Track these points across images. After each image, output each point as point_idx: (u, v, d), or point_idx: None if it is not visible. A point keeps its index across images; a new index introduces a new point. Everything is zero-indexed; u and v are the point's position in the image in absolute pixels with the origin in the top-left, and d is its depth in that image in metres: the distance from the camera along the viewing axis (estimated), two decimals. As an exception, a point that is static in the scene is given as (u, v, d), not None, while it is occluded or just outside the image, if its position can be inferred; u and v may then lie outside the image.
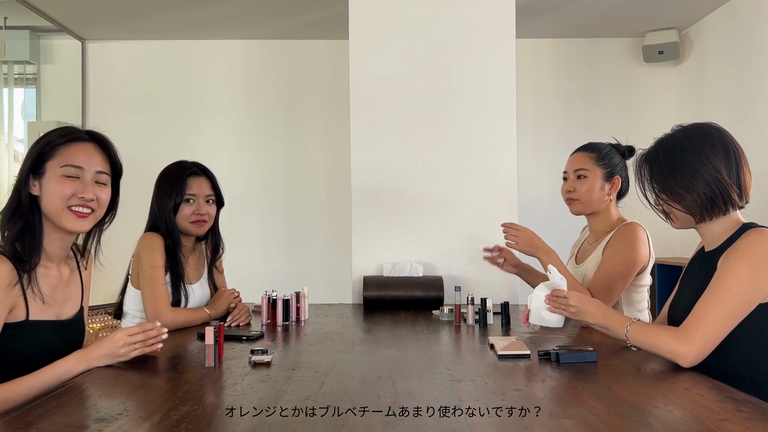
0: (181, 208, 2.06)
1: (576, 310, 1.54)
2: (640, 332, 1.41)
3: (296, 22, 4.37)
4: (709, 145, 1.41)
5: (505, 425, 0.99)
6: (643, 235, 2.01)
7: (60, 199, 1.42)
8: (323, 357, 1.50)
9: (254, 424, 1.00)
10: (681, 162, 1.42)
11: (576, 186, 2.11)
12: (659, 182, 1.46)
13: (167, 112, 4.70)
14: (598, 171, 2.09)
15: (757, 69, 3.80)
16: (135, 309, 2.05)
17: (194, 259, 2.16)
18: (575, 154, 2.17)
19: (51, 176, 1.42)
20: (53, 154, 1.43)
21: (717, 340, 1.33)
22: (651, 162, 1.48)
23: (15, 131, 4.41)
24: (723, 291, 1.33)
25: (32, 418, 1.03)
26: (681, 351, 1.32)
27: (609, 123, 4.67)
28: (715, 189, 1.39)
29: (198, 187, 2.09)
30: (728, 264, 1.35)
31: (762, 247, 1.33)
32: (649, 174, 1.48)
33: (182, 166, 2.11)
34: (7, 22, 4.33)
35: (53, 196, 1.42)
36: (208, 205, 2.11)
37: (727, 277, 1.34)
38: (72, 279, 1.54)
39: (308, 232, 4.74)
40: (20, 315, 1.37)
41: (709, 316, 1.32)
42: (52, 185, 1.42)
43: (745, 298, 1.32)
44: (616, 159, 2.12)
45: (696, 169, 1.40)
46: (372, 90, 2.70)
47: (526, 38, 4.66)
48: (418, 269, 2.57)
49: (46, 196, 1.42)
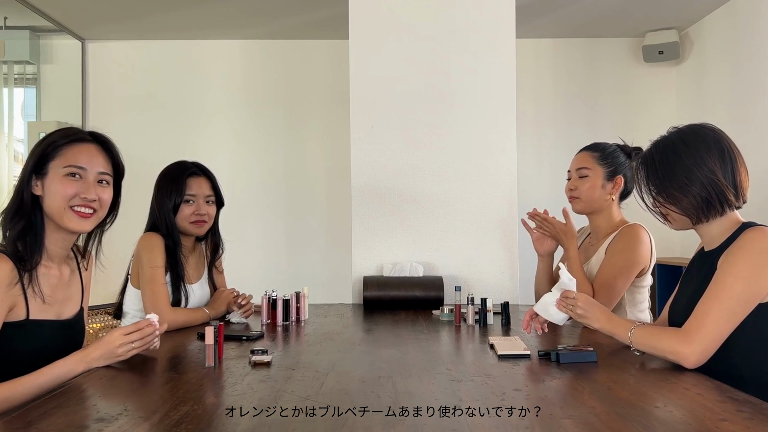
0: (181, 208, 2.06)
1: (582, 312, 1.54)
2: (643, 336, 1.42)
3: (296, 22, 4.37)
4: (704, 146, 1.42)
5: (505, 425, 0.99)
6: (646, 236, 2.02)
7: (62, 199, 1.42)
8: (323, 357, 1.50)
9: (254, 424, 1.00)
10: (676, 164, 1.42)
11: (578, 184, 2.12)
12: (655, 184, 1.46)
13: (167, 112, 4.70)
14: (600, 170, 2.10)
15: (757, 69, 3.80)
16: (134, 309, 2.05)
17: (194, 259, 2.16)
18: (579, 153, 2.18)
19: (53, 176, 1.43)
20: (56, 155, 1.44)
21: (719, 340, 1.33)
22: (647, 164, 1.48)
23: (15, 131, 4.41)
24: (723, 291, 1.33)
25: (32, 418, 1.03)
26: (684, 352, 1.32)
27: (609, 123, 4.67)
28: (710, 190, 1.39)
29: (198, 188, 2.09)
30: (728, 263, 1.36)
31: (760, 246, 1.33)
32: (645, 176, 1.48)
33: (182, 167, 2.11)
34: (7, 22, 4.33)
35: (55, 195, 1.42)
36: (208, 205, 2.11)
37: (726, 277, 1.34)
38: (72, 279, 1.54)
39: (308, 232, 4.73)
40: (20, 314, 1.37)
41: (710, 316, 1.32)
42: (55, 185, 1.42)
43: (745, 297, 1.32)
44: (621, 159, 2.12)
45: (691, 170, 1.40)
46: (372, 90, 2.70)
47: (526, 38, 4.65)
48: (418, 269, 2.57)
49: (48, 196, 1.43)
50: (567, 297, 1.58)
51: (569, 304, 1.57)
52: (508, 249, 2.67)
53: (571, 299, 1.57)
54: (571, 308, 1.57)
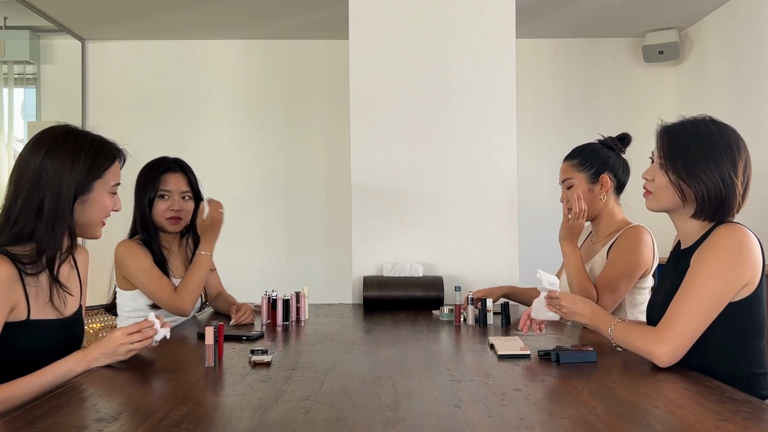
0: (156, 203, 2.06)
1: (567, 309, 1.55)
2: (622, 332, 1.42)
3: (296, 22, 4.37)
4: (738, 149, 1.41)
5: (505, 425, 0.99)
6: (648, 238, 2.01)
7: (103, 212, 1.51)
8: (323, 357, 1.50)
9: (254, 424, 1.00)
10: (709, 150, 1.40)
11: (568, 196, 2.11)
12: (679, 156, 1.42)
13: (167, 112, 4.70)
14: (581, 176, 2.09)
15: (757, 69, 3.79)
16: (126, 311, 2.07)
17: (179, 253, 2.18)
18: (562, 165, 2.18)
19: (100, 192, 1.49)
20: (100, 174, 1.48)
21: (691, 339, 1.33)
22: (674, 136, 1.45)
23: (15, 131, 4.41)
24: (694, 289, 1.33)
25: (32, 418, 1.03)
26: (656, 351, 1.32)
27: (609, 123, 4.66)
28: (728, 190, 1.38)
29: (174, 183, 2.09)
30: (699, 261, 1.36)
31: (730, 243, 1.33)
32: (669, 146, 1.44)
33: (159, 162, 2.11)
34: (7, 22, 4.32)
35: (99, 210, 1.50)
36: (184, 201, 2.11)
37: (698, 275, 1.34)
38: (71, 277, 1.55)
39: (308, 232, 4.73)
40: (21, 314, 1.37)
41: (681, 315, 1.32)
42: (101, 198, 1.49)
43: (717, 296, 1.32)
44: (602, 155, 2.10)
45: (719, 163, 1.39)
46: (372, 90, 2.70)
47: (526, 38, 4.65)
48: (418, 269, 2.57)
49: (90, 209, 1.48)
50: (551, 298, 1.59)
51: (555, 305, 1.58)
52: (508, 249, 2.67)
53: (555, 299, 1.57)
54: (558, 307, 1.57)
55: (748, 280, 1.34)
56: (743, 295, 1.35)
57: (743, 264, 1.33)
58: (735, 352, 1.37)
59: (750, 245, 1.34)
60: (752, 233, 1.37)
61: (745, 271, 1.33)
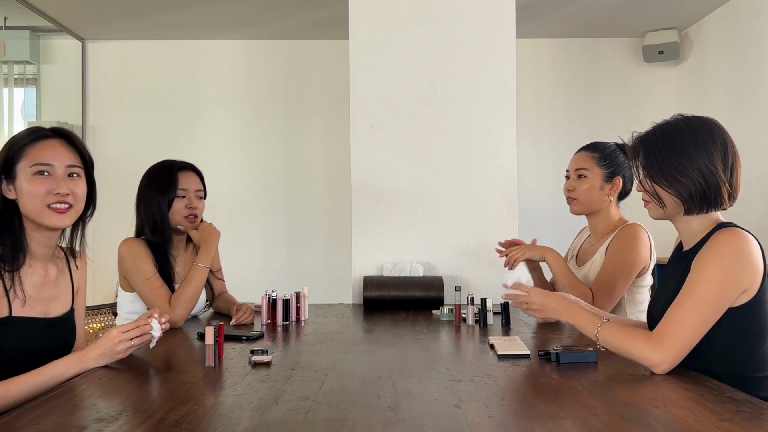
0: (174, 203, 2.06)
1: (539, 306, 1.52)
2: (612, 334, 1.37)
3: (297, 22, 4.37)
4: (710, 137, 1.40)
5: (505, 425, 0.99)
6: (645, 236, 2.02)
7: (37, 199, 1.42)
8: (323, 357, 1.50)
9: (254, 424, 1.00)
10: (680, 147, 1.40)
11: (576, 185, 2.12)
12: (656, 164, 1.42)
13: (167, 112, 4.70)
14: (599, 171, 2.10)
15: (757, 69, 3.79)
16: (125, 311, 2.07)
17: (185, 258, 2.16)
18: (578, 153, 2.17)
19: (23, 177, 1.43)
20: (21, 156, 1.44)
21: (690, 345, 1.31)
22: (648, 143, 1.45)
23: (15, 131, 4.41)
24: (694, 296, 1.31)
25: (32, 418, 1.03)
26: (655, 359, 1.29)
27: (609, 123, 4.67)
28: (709, 182, 1.37)
29: (189, 182, 2.09)
30: (700, 266, 1.33)
31: (730, 249, 1.32)
32: (645, 155, 1.45)
33: (171, 163, 2.11)
34: (7, 22, 4.32)
35: (29, 196, 1.42)
36: (199, 200, 2.11)
37: (699, 282, 1.32)
38: (61, 278, 1.54)
39: (308, 232, 4.73)
40: (2, 312, 1.38)
41: (682, 322, 1.30)
42: (26, 186, 1.42)
43: (716, 302, 1.31)
44: (620, 159, 2.12)
45: (693, 157, 1.38)
46: (372, 90, 2.70)
47: (526, 38, 4.65)
48: (418, 269, 2.57)
49: (22, 198, 1.43)
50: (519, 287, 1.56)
51: (522, 301, 1.55)
52: (508, 249, 2.67)
53: (523, 294, 1.54)
54: (526, 305, 1.54)
55: (747, 286, 1.32)
56: (743, 300, 1.33)
57: (742, 270, 1.31)
58: (737, 356, 1.36)
59: (749, 250, 1.32)
60: (752, 237, 1.36)
61: (743, 277, 1.32)
